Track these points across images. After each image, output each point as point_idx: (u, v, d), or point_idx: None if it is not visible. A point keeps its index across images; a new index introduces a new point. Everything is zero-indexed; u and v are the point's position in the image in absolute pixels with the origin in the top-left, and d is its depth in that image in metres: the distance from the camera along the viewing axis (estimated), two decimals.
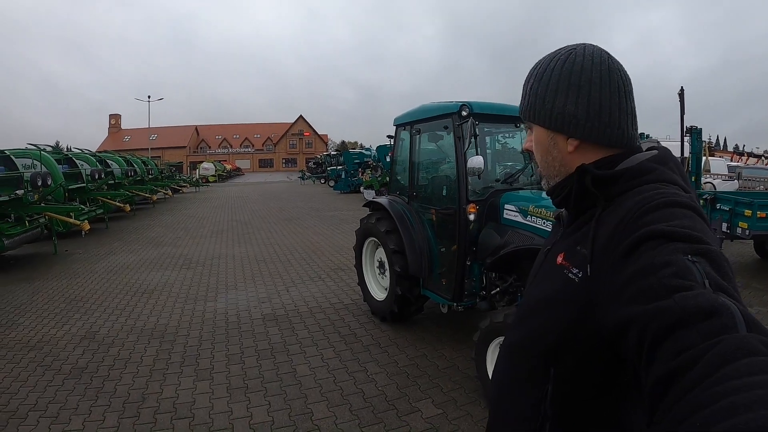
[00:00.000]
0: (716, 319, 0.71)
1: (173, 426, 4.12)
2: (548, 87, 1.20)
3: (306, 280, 9.05)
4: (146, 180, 26.29)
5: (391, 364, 5.27)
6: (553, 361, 1.14)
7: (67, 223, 12.55)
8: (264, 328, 6.45)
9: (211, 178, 56.00)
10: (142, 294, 8.29)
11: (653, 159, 1.15)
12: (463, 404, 4.41)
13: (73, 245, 13.30)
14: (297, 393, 4.66)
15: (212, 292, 8.37)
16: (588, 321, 1.02)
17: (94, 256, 11.96)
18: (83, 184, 16.26)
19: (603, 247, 1.03)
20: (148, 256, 11.76)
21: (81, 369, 5.29)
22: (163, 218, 20.14)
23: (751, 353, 0.65)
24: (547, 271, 1.27)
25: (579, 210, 1.21)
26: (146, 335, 6.27)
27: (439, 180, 6.01)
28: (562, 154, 1.23)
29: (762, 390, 0.59)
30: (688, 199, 1.01)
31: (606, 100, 1.15)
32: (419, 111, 6.13)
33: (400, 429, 4.03)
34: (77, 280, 9.39)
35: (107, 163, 21.09)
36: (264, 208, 24.10)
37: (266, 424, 4.14)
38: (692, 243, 0.87)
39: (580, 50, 1.19)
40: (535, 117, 1.25)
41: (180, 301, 7.84)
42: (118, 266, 10.66)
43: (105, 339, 6.17)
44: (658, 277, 0.83)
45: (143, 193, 23.11)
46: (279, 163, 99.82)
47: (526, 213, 4.77)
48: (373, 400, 4.52)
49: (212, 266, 10.52)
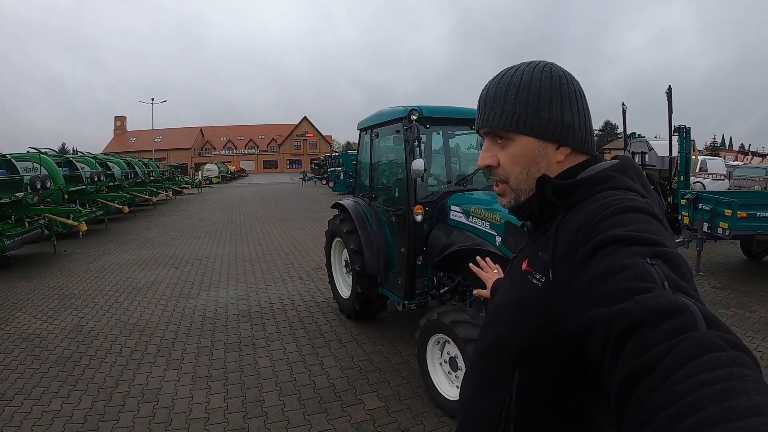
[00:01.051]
0: (677, 318, 0.74)
1: (138, 409, 4.60)
2: (540, 97, 1.20)
3: (286, 278, 9.51)
4: (147, 182, 26.70)
5: (347, 358, 5.67)
6: (518, 364, 1.16)
7: (66, 225, 12.98)
8: (237, 324, 6.91)
9: (214, 180, 56.23)
10: (131, 291, 8.78)
11: (612, 168, 1.19)
12: (406, 398, 4.75)
13: (72, 245, 13.80)
14: (254, 383, 5.10)
15: (195, 289, 8.85)
16: (552, 325, 1.06)
17: (91, 255, 12.47)
18: (83, 186, 16.71)
19: (563, 253, 1.06)
20: (142, 256, 12.25)
21: (66, 359, 5.77)
22: (162, 219, 20.60)
23: (712, 349, 0.68)
24: (513, 277, 1.31)
25: (542, 220, 1.24)
26: (128, 329, 6.76)
27: (394, 182, 6.33)
28: (549, 164, 1.24)
29: (725, 383, 0.62)
30: (645, 204, 1.05)
31: (587, 110, 1.24)
32: (377, 116, 6.37)
33: (341, 419, 4.40)
34: (72, 279, 9.90)
35: (108, 165, 21.56)
36: (261, 209, 24.55)
37: (220, 409, 4.59)
38: (650, 246, 0.90)
39: (549, 65, 1.24)
40: (526, 127, 1.22)
41: (164, 298, 8.33)
42: (112, 265, 11.17)
43: (91, 332, 6.66)
44: (617, 281, 0.85)
45: (143, 195, 23.52)
46: (283, 164, 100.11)
47: (469, 214, 5.00)
48: (322, 391, 4.91)
49: (200, 265, 11.00)
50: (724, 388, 0.61)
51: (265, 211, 23.10)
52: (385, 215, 6.13)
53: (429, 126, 5.67)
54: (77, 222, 12.90)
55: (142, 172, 26.43)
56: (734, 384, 0.61)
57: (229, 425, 4.31)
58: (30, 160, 14.51)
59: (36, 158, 14.35)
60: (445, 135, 6.47)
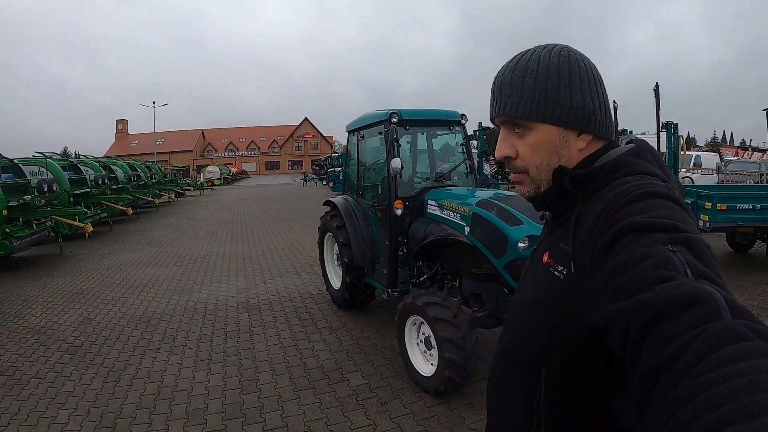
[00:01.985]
0: (700, 307, 0.72)
1: (145, 387, 5.08)
2: (560, 83, 1.16)
3: (284, 273, 10.01)
4: (150, 184, 27.11)
5: (336, 343, 6.13)
6: (543, 361, 1.13)
7: (72, 226, 13.47)
8: (236, 314, 7.41)
9: (216, 182, 56.67)
10: (136, 288, 9.26)
11: (629, 152, 1.16)
12: (388, 377, 5.19)
13: (78, 246, 14.26)
14: (250, 364, 5.58)
15: (197, 285, 9.34)
16: (575, 318, 1.03)
17: (97, 255, 12.94)
18: (87, 189, 17.22)
19: (583, 244, 1.03)
20: (146, 255, 12.72)
21: (77, 347, 6.25)
22: (164, 220, 21.06)
23: (736, 339, 0.65)
24: (534, 271, 1.27)
25: (561, 209, 1.22)
26: (135, 321, 7.24)
27: (378, 179, 6.68)
28: (570, 152, 1.20)
29: (748, 377, 0.59)
30: (665, 188, 1.02)
31: (606, 95, 1.20)
32: (362, 119, 6.82)
33: (327, 394, 4.87)
34: (79, 277, 10.38)
35: (111, 168, 22.07)
36: (261, 209, 25.03)
37: (219, 387, 5.07)
38: (670, 232, 0.87)
39: (566, 49, 1.20)
40: (546, 115, 1.18)
41: (168, 293, 8.82)
42: (117, 264, 11.65)
43: (99, 324, 7.14)
44: (638, 271, 0.83)
45: (146, 197, 23.96)
46: (285, 165, 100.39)
47: (443, 207, 5.39)
48: (311, 371, 5.38)
49: (202, 263, 11.48)
50: (747, 382, 0.58)
51: (265, 212, 23.58)
52: (372, 210, 6.58)
53: (408, 128, 6.17)
54: (83, 223, 13.39)
55: (144, 175, 26.87)
56: (759, 378, 0.58)
57: (227, 400, 4.78)
58: (36, 164, 14.97)
59: (42, 162, 14.79)
60: (428, 135, 6.91)
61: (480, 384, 4.89)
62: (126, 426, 4.35)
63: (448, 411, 4.49)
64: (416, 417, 4.40)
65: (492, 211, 4.76)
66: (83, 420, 4.48)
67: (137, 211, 22.36)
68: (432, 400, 4.68)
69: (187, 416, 4.50)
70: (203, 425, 4.33)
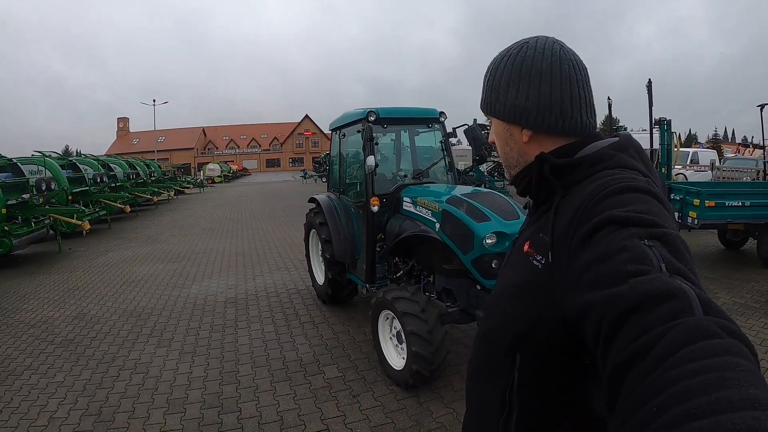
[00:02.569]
0: (673, 302, 0.73)
1: (131, 378, 5.35)
2: (501, 81, 1.26)
3: (273, 269, 10.28)
4: (149, 182, 27.34)
5: (317, 337, 6.36)
6: (519, 348, 1.15)
7: (70, 224, 13.64)
8: (223, 309, 7.67)
9: (216, 179, 56.90)
10: (130, 284, 9.52)
11: (612, 146, 1.17)
12: (362, 370, 5.40)
13: (77, 244, 14.52)
14: (232, 357, 5.84)
15: (189, 281, 9.61)
16: (552, 307, 1.04)
17: (94, 253, 13.22)
18: (86, 188, 17.42)
19: (562, 234, 1.05)
20: (142, 252, 12.99)
21: (69, 340, 6.52)
22: (163, 218, 21.31)
23: (707, 336, 0.67)
24: (515, 259, 1.30)
25: (541, 198, 1.24)
26: (126, 315, 7.51)
27: (359, 177, 6.81)
28: (518, 145, 1.28)
29: (717, 372, 0.61)
30: (645, 183, 1.03)
31: (556, 91, 1.19)
32: (343, 117, 6.93)
33: (302, 386, 5.10)
34: (76, 274, 10.64)
35: (110, 166, 22.28)
36: (259, 207, 25.29)
37: (200, 378, 5.32)
38: (648, 227, 0.88)
39: (532, 43, 1.24)
40: (491, 110, 1.31)
41: (160, 288, 9.08)
42: (113, 261, 11.92)
43: (92, 318, 7.41)
44: (614, 263, 0.84)
45: (145, 195, 24.14)
46: (286, 162, 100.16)
47: (416, 204, 5.53)
48: (290, 363, 5.62)
49: (196, 260, 11.75)
50: (715, 378, 0.60)
51: (262, 209, 23.84)
52: (353, 207, 6.74)
53: (386, 126, 6.32)
54: (81, 221, 13.56)
55: (143, 173, 27.09)
56: (726, 374, 0.60)
57: (206, 390, 5.04)
58: (35, 163, 15.17)
59: (41, 161, 15.01)
60: (411, 133, 7.06)
61: (451, 378, 5.10)
62: (110, 414, 4.61)
63: (417, 404, 4.67)
64: (385, 410, 4.60)
65: (461, 207, 4.89)
66: (71, 408, 4.74)
67: (136, 209, 22.61)
68: (403, 393, 4.87)
69: (168, 405, 4.75)
70: (182, 414, 4.59)
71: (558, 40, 1.24)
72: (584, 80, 1.22)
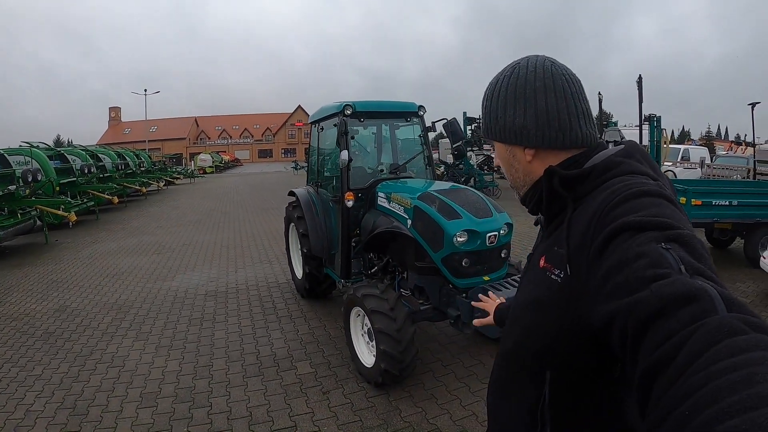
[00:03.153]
0: (695, 303, 0.73)
1: (107, 372, 5.44)
2: (498, 103, 1.27)
3: (256, 262, 10.38)
4: (138, 173, 27.24)
5: (293, 332, 6.44)
6: (547, 364, 1.15)
7: (57, 215, 13.71)
8: (203, 302, 7.76)
9: (208, 170, 56.80)
10: (113, 276, 9.61)
11: (619, 153, 1.17)
12: (335, 366, 5.45)
13: (64, 235, 14.53)
14: (207, 351, 5.93)
15: (172, 273, 9.70)
16: (575, 320, 1.04)
17: (80, 244, 13.25)
18: (74, 178, 17.40)
19: (578, 246, 1.05)
20: (128, 244, 13.04)
21: (50, 333, 6.61)
22: (151, 209, 21.30)
23: (732, 333, 0.67)
24: (532, 275, 1.29)
25: (553, 212, 1.23)
26: (107, 308, 7.60)
27: (335, 171, 6.73)
28: (522, 165, 1.29)
29: (745, 369, 0.60)
30: (656, 186, 1.03)
31: (553, 106, 1.20)
32: (321, 110, 6.89)
33: (274, 381, 5.18)
34: (61, 266, 10.72)
35: (99, 157, 22.23)
36: (248, 198, 25.35)
37: (174, 372, 5.42)
38: (663, 230, 0.88)
39: (523, 63, 1.26)
40: (491, 134, 1.32)
41: (143, 281, 9.17)
42: (98, 253, 11.98)
43: (74, 311, 7.50)
44: (633, 270, 0.84)
45: (134, 186, 24.09)
46: (278, 153, 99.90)
47: (390, 200, 5.52)
48: (263, 358, 5.70)
49: (180, 251, 11.84)
50: (743, 376, 0.59)
51: (251, 200, 23.92)
52: (330, 202, 6.73)
53: (363, 120, 6.30)
54: (67, 213, 13.61)
55: (132, 163, 27.03)
56: (755, 369, 0.60)
57: (179, 384, 5.14)
58: (22, 154, 15.24)
59: (27, 152, 15.06)
60: (391, 127, 7.06)
61: (423, 377, 5.16)
62: (84, 407, 4.71)
63: (386, 403, 4.71)
64: (354, 407, 4.66)
65: (432, 204, 4.90)
66: (47, 401, 4.83)
67: (125, 199, 22.55)
68: (373, 391, 4.91)
69: (141, 399, 4.85)
70: (154, 408, 4.68)
71: (549, 57, 1.26)
72: (579, 92, 1.23)
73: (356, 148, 6.86)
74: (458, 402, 4.72)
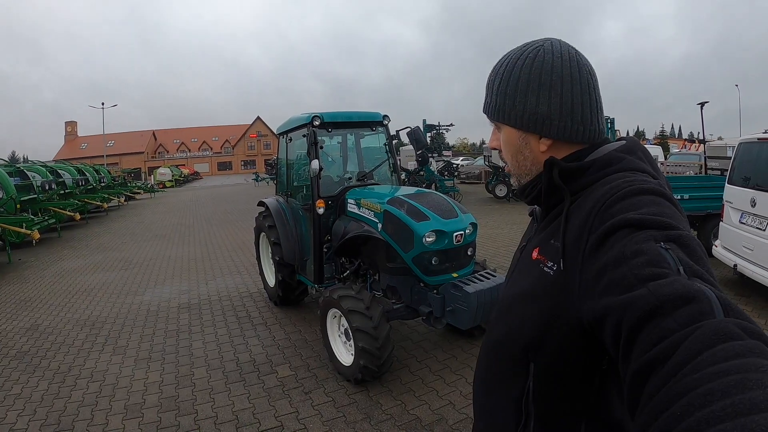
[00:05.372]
0: (693, 305, 0.73)
1: (87, 387, 5.48)
2: (518, 87, 1.19)
3: (226, 273, 10.46)
4: (98, 188, 26.87)
5: (269, 338, 6.58)
6: (532, 356, 1.13)
7: (20, 234, 13.47)
8: (177, 315, 7.82)
9: (168, 184, 56.22)
10: (83, 293, 9.55)
11: (620, 149, 1.16)
12: (314, 368, 5.61)
13: (27, 254, 14.28)
14: (187, 361, 6.01)
15: (142, 288, 9.69)
16: (565, 314, 1.03)
17: (45, 262, 13.06)
18: (35, 195, 17.04)
19: (574, 239, 1.03)
20: (93, 261, 12.92)
21: (24, 352, 6.58)
22: (113, 225, 21.06)
23: (728, 338, 0.66)
24: (524, 266, 1.27)
25: (550, 205, 1.21)
26: (80, 325, 7.58)
27: (305, 181, 6.93)
28: (534, 154, 1.23)
29: (739, 374, 0.60)
30: (657, 185, 1.02)
31: (577, 98, 1.16)
32: (289, 122, 7.06)
33: (256, 386, 5.31)
34: (27, 285, 10.57)
35: (59, 173, 21.73)
36: (210, 211, 25.29)
37: (156, 383, 5.49)
38: (663, 230, 0.87)
39: (548, 46, 1.18)
40: (504, 117, 1.24)
41: (113, 296, 9.14)
42: (65, 270, 11.86)
43: (46, 329, 7.46)
44: (630, 267, 0.84)
45: (95, 202, 23.77)
46: (238, 165, 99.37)
47: (360, 205, 5.77)
48: (243, 365, 5.83)
49: (148, 266, 11.80)
50: (737, 380, 0.59)
51: (214, 213, 23.84)
52: (301, 210, 6.94)
53: (330, 130, 6.50)
54: (30, 231, 13.42)
55: (93, 179, 26.47)
56: (749, 375, 0.60)
57: (163, 394, 5.23)
58: None
59: None
60: (356, 136, 7.29)
61: (400, 372, 5.40)
62: (69, 422, 4.76)
63: (367, 398, 4.93)
64: (336, 404, 4.85)
65: (401, 208, 5.20)
66: (30, 419, 4.85)
67: (86, 216, 22.26)
68: (353, 388, 5.11)
69: (126, 411, 4.92)
70: (140, 418, 4.76)
71: (569, 44, 1.22)
72: (597, 85, 1.21)
73: (323, 157, 7.00)
74: (435, 393, 4.96)
